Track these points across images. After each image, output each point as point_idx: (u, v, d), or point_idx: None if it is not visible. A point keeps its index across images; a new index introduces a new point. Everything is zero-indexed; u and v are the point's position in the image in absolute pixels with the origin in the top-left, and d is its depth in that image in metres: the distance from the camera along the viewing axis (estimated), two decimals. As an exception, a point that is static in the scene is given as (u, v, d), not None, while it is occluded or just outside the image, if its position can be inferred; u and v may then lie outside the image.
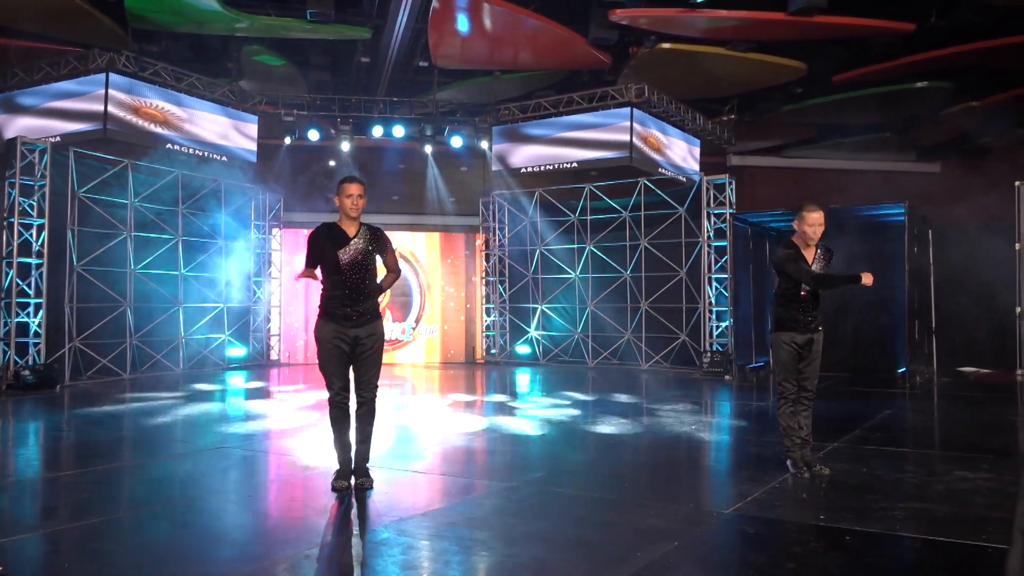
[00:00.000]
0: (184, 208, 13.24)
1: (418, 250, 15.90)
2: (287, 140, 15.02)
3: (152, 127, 12.31)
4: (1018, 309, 12.51)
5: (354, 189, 4.92)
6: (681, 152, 15.29)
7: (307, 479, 5.48)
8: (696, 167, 15.44)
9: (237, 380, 12.39)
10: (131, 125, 11.96)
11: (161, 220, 12.83)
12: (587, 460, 6.05)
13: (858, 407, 8.89)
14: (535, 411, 8.79)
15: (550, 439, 7.05)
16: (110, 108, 11.69)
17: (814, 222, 5.27)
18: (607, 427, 7.49)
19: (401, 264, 5.47)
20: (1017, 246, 12.55)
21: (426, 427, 7.74)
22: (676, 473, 5.72)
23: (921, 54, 13.66)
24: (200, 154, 13.13)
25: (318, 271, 4.86)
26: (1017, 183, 12.64)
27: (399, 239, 15.85)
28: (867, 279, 5.10)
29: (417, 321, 15.76)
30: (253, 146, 14.13)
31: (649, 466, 6.01)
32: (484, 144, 15.27)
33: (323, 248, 4.84)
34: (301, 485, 5.36)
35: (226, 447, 6.57)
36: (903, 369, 11.27)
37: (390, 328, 15.53)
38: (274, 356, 15.14)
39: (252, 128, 14.16)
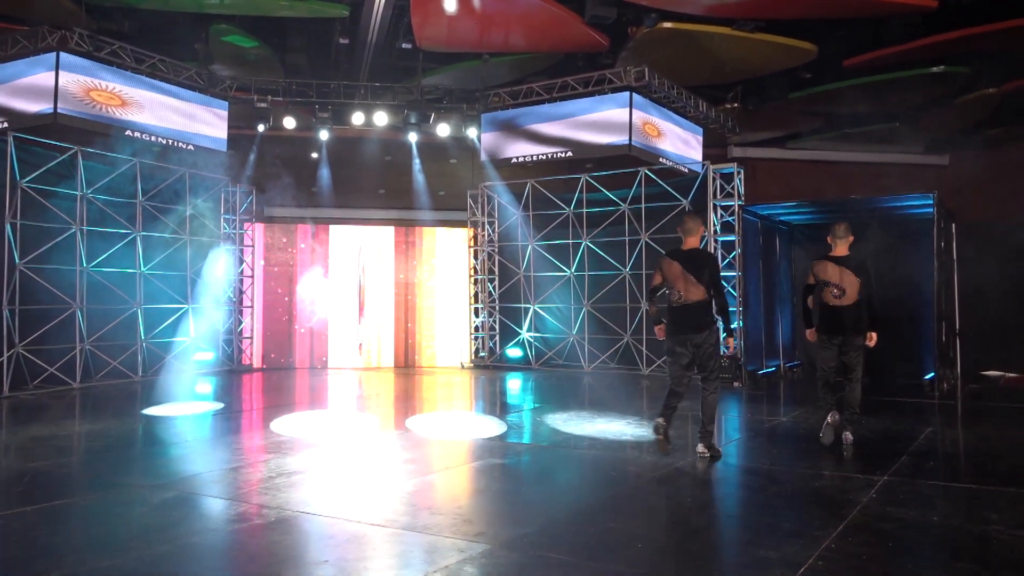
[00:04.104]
0: (144, 200, 12.16)
1: (399, 246, 14.85)
2: (261, 128, 13.94)
3: (109, 112, 11.24)
4: (1050, 309, 11.60)
5: None
6: (683, 141, 14.29)
7: (238, 534, 4.44)
8: (698, 157, 14.45)
9: (204, 388, 11.35)
10: (86, 110, 10.88)
11: (117, 214, 11.75)
12: (587, 507, 4.92)
13: (893, 423, 7.91)
14: (525, 431, 7.78)
15: (540, 472, 6.00)
16: (62, 91, 10.62)
17: None
18: (607, 451, 6.46)
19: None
20: (1048, 241, 11.65)
21: (394, 456, 6.70)
22: (697, 526, 4.61)
23: (940, 35, 12.72)
24: (164, 142, 12.08)
25: None
26: (1048, 173, 11.74)
27: (379, 234, 14.84)
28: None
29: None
30: (223, 134, 13.08)
31: (663, 515, 4.91)
32: (472, 132, 14.25)
33: None
34: (232, 547, 4.29)
35: (182, 481, 5.51)
36: (931, 375, 10.32)
37: (357, 330, 14.52)
38: (247, 361, 14.08)
39: (222, 115, 13.12)
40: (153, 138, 11.91)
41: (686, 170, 13.60)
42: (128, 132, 11.48)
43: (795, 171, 17.85)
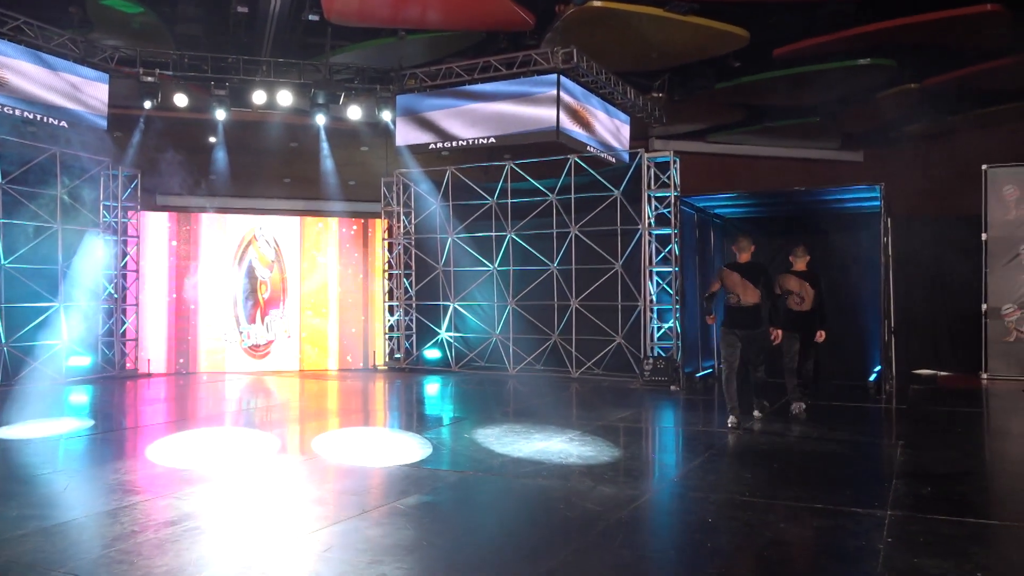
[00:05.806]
0: (5, 184, 10.59)
1: (300, 239, 13.60)
2: (147, 105, 12.40)
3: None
4: (984, 306, 11.39)
5: None
6: (611, 129, 13.57)
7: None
8: (626, 147, 13.77)
9: (76, 400, 9.89)
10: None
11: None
12: (547, 571, 3.78)
13: (856, 433, 7.36)
14: (452, 452, 6.75)
15: (479, 515, 4.88)
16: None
17: None
18: (555, 480, 5.44)
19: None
20: (984, 236, 11.44)
21: (298, 494, 5.60)
22: None
23: (870, 25, 12.44)
24: (30, 116, 10.56)
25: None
26: (984, 167, 11.52)
27: (283, 225, 13.57)
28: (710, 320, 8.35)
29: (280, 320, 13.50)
30: (103, 111, 11.61)
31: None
32: (387, 116, 13.10)
33: None
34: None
35: (6, 543, 4.27)
36: (873, 376, 9.88)
37: (256, 329, 13.22)
38: (131, 366, 12.55)
39: (102, 89, 11.65)
40: (17, 111, 10.41)
41: (613, 160, 12.87)
42: (-15, 104, 9.93)
43: (716, 165, 17.51)
